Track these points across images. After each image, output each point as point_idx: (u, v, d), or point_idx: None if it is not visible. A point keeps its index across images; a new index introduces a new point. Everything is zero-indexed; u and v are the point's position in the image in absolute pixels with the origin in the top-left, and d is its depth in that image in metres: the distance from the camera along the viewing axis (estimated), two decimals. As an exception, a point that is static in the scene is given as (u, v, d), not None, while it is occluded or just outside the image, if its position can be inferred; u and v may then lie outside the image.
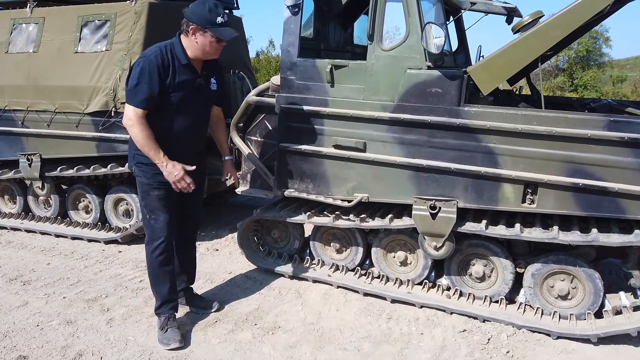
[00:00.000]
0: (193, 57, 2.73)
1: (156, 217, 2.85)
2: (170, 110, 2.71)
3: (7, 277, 3.75)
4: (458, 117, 2.99)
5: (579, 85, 30.56)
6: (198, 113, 2.87)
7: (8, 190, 5.11)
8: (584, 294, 3.00)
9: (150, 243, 2.88)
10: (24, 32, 4.68)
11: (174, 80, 2.67)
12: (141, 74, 2.59)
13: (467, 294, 3.28)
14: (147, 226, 2.89)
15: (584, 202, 2.81)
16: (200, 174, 3.08)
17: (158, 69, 2.60)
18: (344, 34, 4.47)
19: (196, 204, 3.14)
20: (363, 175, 3.32)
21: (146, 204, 2.85)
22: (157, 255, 2.87)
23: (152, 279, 2.94)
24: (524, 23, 3.02)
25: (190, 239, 3.22)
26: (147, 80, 2.58)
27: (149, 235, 2.89)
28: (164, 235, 2.86)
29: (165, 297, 2.93)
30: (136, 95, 2.59)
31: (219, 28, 2.65)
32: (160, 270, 2.90)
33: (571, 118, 2.77)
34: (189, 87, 2.74)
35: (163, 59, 2.64)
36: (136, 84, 2.59)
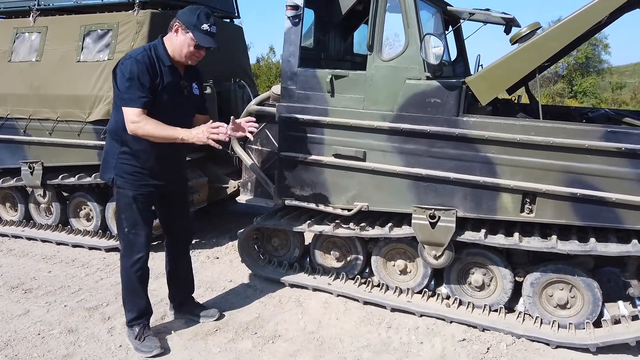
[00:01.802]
0: (173, 57, 2.69)
1: (137, 231, 2.78)
2: (157, 112, 2.63)
3: (8, 285, 3.76)
4: (457, 127, 3.01)
5: (579, 91, 30.64)
6: (184, 117, 2.80)
7: (9, 198, 5.13)
8: (583, 303, 3.01)
9: (129, 257, 2.81)
10: (26, 41, 4.72)
11: (162, 82, 2.64)
12: (132, 74, 2.54)
13: (466, 303, 3.29)
14: (125, 240, 2.81)
15: (582, 212, 2.83)
16: (184, 185, 3.12)
17: (147, 68, 2.57)
18: (344, 43, 4.51)
19: (185, 215, 3.13)
20: (363, 184, 3.35)
21: (127, 217, 2.77)
22: (137, 270, 2.82)
23: (127, 292, 2.88)
24: (522, 34, 3.06)
25: (185, 250, 3.19)
26: (139, 80, 2.54)
27: (128, 249, 2.81)
28: (145, 250, 2.82)
29: (142, 309, 2.91)
30: (133, 96, 2.55)
31: (200, 34, 2.62)
32: (139, 284, 2.86)
33: (569, 128, 2.80)
34: (174, 89, 2.71)
35: (150, 59, 2.61)
36: (130, 86, 2.54)
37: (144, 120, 2.56)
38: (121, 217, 2.80)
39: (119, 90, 2.61)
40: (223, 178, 4.71)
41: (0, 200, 5.16)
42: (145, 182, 2.76)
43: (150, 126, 2.57)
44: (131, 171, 2.72)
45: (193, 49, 2.65)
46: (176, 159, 2.92)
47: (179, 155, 2.94)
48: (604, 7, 2.64)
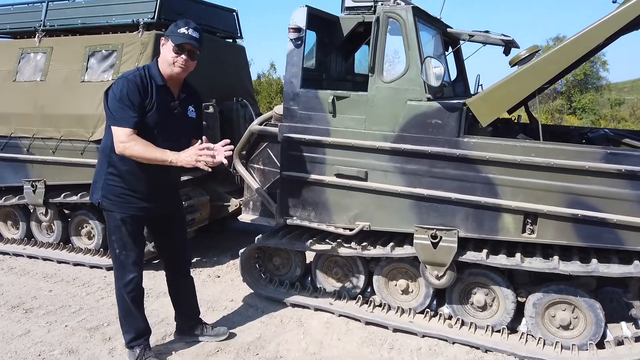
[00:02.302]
0: (166, 75, 2.67)
1: (127, 252, 2.76)
2: (147, 133, 2.61)
3: (9, 305, 3.75)
4: (458, 147, 3.04)
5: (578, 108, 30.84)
6: (175, 139, 2.72)
7: (11, 216, 5.14)
8: (586, 324, 3.00)
9: (121, 278, 2.80)
10: (31, 61, 4.78)
11: (152, 101, 2.62)
12: (122, 94, 2.53)
13: (468, 323, 3.28)
14: (117, 261, 2.80)
15: (584, 233, 2.84)
16: (178, 208, 3.09)
17: (138, 88, 2.56)
18: (345, 63, 4.56)
19: (182, 238, 3.10)
20: (365, 204, 3.36)
21: (117, 239, 2.75)
22: (130, 291, 2.80)
23: (123, 313, 2.87)
24: (521, 57, 3.10)
25: (184, 273, 3.15)
26: (130, 100, 2.53)
27: (119, 270, 2.81)
28: (136, 270, 2.81)
29: (140, 330, 2.90)
30: (123, 116, 2.53)
31: (177, 36, 2.60)
32: (133, 305, 2.84)
33: (568, 150, 2.82)
34: (165, 109, 2.68)
35: (142, 79, 2.60)
36: (121, 106, 2.53)
37: (133, 141, 2.53)
38: (111, 238, 2.78)
39: (110, 110, 2.58)
40: (225, 196, 4.73)
41: (2, 218, 5.18)
42: (133, 204, 2.71)
43: (138, 147, 2.53)
44: (118, 193, 2.69)
45: (174, 54, 2.61)
46: (166, 182, 2.84)
47: (170, 178, 2.85)
48: (601, 32, 2.69)
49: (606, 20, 2.68)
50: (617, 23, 2.67)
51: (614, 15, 2.67)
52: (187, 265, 3.19)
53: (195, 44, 2.65)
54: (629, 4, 2.63)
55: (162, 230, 3.00)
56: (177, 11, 4.62)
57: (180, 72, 2.68)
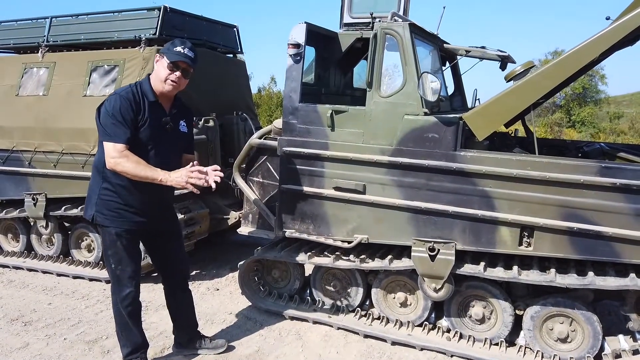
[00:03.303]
0: (158, 91, 2.71)
1: (123, 267, 2.76)
2: (140, 149, 2.63)
3: (8, 318, 3.75)
4: (454, 161, 3.08)
5: (577, 121, 30.98)
6: (167, 154, 2.76)
7: (12, 229, 5.16)
8: (583, 337, 3.01)
9: (118, 293, 2.80)
10: (34, 76, 4.85)
11: (144, 116, 2.64)
12: (115, 110, 2.55)
13: (467, 336, 3.28)
14: (113, 276, 2.80)
15: (580, 246, 2.86)
16: (173, 223, 3.09)
17: (130, 104, 2.58)
18: (344, 78, 4.63)
19: (180, 252, 3.11)
20: (363, 217, 3.39)
21: (112, 254, 2.75)
22: (127, 305, 2.80)
23: (120, 327, 2.87)
24: (517, 72, 3.15)
25: (182, 287, 3.15)
26: (122, 116, 2.55)
27: (116, 285, 2.80)
28: (132, 285, 2.80)
29: (137, 344, 2.90)
30: (115, 132, 2.55)
31: (172, 54, 2.66)
32: (130, 319, 2.84)
33: (564, 164, 2.86)
34: (156, 125, 2.70)
35: (134, 95, 2.64)
36: (112, 122, 2.55)
37: (124, 157, 2.54)
38: (107, 253, 2.77)
39: (102, 126, 2.60)
40: (224, 209, 4.76)
41: (3, 231, 5.20)
42: (128, 219, 2.72)
43: (129, 164, 2.54)
44: (113, 207, 2.69)
45: (168, 72, 2.67)
46: (159, 197, 2.84)
47: (162, 193, 2.84)
48: (595, 48, 2.74)
49: (600, 36, 2.74)
50: (610, 39, 2.73)
51: (608, 31, 2.72)
52: (185, 280, 3.18)
53: (190, 62, 2.70)
54: (622, 20, 2.68)
55: (159, 245, 3.00)
56: (178, 27, 4.70)
57: (172, 90, 2.72)
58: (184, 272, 3.18)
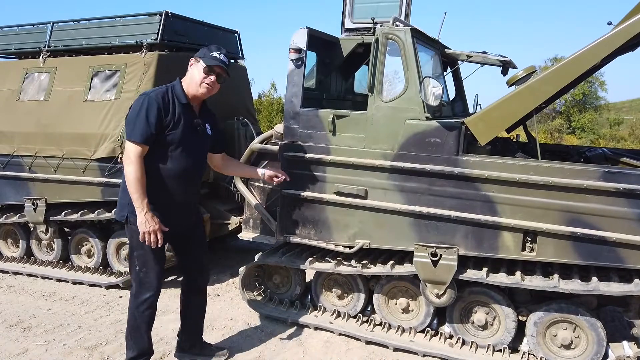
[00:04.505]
0: (190, 94, 2.78)
1: (148, 269, 2.78)
2: (170, 149, 2.71)
3: (7, 323, 3.72)
4: (457, 166, 3.06)
5: (577, 127, 31.00)
6: (196, 154, 2.85)
7: (11, 234, 5.14)
8: (587, 343, 2.98)
9: (138, 296, 2.80)
10: (35, 81, 4.85)
11: (174, 118, 2.70)
12: (141, 110, 2.62)
13: (469, 343, 3.26)
14: (136, 279, 2.81)
15: (583, 251, 2.84)
16: (198, 227, 3.11)
17: (158, 106, 2.64)
18: (345, 83, 4.63)
19: (203, 257, 3.13)
20: (364, 222, 3.37)
21: (139, 256, 2.77)
22: (144, 310, 2.81)
23: (132, 330, 2.86)
24: (518, 77, 3.15)
25: (198, 290, 3.16)
26: (146, 115, 2.61)
27: (137, 287, 2.81)
28: (154, 289, 2.81)
29: (143, 349, 2.88)
30: (135, 129, 2.61)
31: (209, 58, 2.75)
32: (144, 324, 2.84)
33: (567, 169, 2.84)
34: (187, 126, 2.76)
35: (164, 97, 2.70)
36: (136, 119, 2.62)
37: (135, 162, 2.59)
38: (133, 255, 2.80)
39: (126, 123, 2.69)
40: (225, 214, 4.74)
41: (2, 236, 5.18)
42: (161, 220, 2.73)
43: (134, 170, 2.59)
44: None
45: (204, 75, 2.74)
46: (185, 199, 2.89)
47: (187, 195, 2.90)
48: (596, 53, 2.73)
49: (601, 41, 2.73)
50: (612, 45, 2.72)
51: (609, 36, 2.71)
52: (205, 285, 3.19)
53: (225, 68, 2.80)
54: (624, 25, 2.68)
55: (184, 247, 3.03)
56: (179, 32, 4.70)
57: (206, 93, 2.79)
58: (205, 277, 3.19)
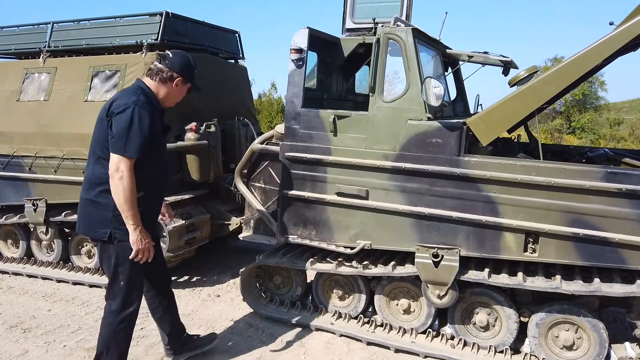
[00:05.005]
0: (163, 102, 2.73)
1: (133, 284, 2.66)
2: (153, 158, 2.62)
3: (7, 324, 3.71)
4: (458, 166, 3.05)
5: (577, 127, 30.99)
6: (167, 160, 2.86)
7: (11, 235, 5.13)
8: (589, 344, 2.97)
9: (121, 312, 2.65)
10: (35, 81, 4.84)
11: (156, 125, 2.62)
12: (133, 122, 2.46)
13: (471, 344, 3.25)
14: (120, 294, 2.64)
15: (586, 252, 2.83)
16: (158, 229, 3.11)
17: (148, 116, 2.53)
18: (346, 84, 4.62)
19: (162, 254, 3.06)
20: (366, 222, 3.36)
21: (124, 271, 2.62)
22: (127, 325, 2.70)
23: (107, 346, 2.68)
24: (520, 77, 3.14)
25: (169, 292, 3.07)
26: (140, 127, 2.47)
27: (121, 303, 2.65)
28: (137, 303, 2.72)
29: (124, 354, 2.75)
30: (129, 143, 2.44)
31: (194, 80, 2.80)
32: (122, 341, 2.71)
33: (569, 169, 2.83)
34: (162, 132, 2.75)
35: (150, 104, 2.60)
36: (129, 132, 2.45)
37: (129, 175, 2.45)
38: (117, 270, 2.62)
39: (117, 136, 2.46)
40: (225, 215, 4.73)
41: (2, 237, 5.17)
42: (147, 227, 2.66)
43: (129, 184, 2.45)
44: None
45: (185, 94, 2.82)
46: (160, 206, 2.90)
47: (162, 200, 2.92)
48: (599, 53, 2.72)
49: (604, 41, 2.72)
50: (614, 45, 2.71)
51: (612, 36, 2.70)
52: (170, 282, 3.13)
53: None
54: (626, 26, 2.67)
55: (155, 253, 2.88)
56: (180, 32, 4.70)
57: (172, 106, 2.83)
58: (168, 274, 3.12)
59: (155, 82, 2.69)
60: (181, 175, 4.51)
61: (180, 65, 2.70)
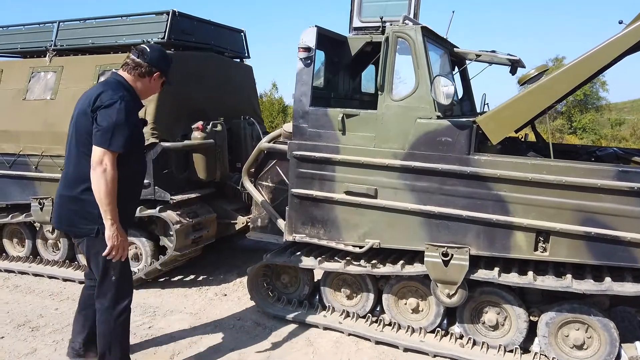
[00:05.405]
0: (140, 96, 2.76)
1: (123, 277, 2.68)
2: (136, 152, 2.67)
3: (15, 323, 3.71)
4: (468, 165, 3.05)
5: (578, 128, 30.96)
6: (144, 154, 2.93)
7: (17, 234, 5.12)
8: (600, 343, 2.96)
9: (116, 306, 2.66)
10: (42, 80, 4.83)
11: (138, 119, 2.70)
12: (119, 116, 2.46)
13: (480, 343, 3.24)
14: (111, 289, 2.65)
15: (597, 251, 2.83)
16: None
17: (135, 110, 2.59)
18: (352, 82, 4.61)
19: None
20: (374, 221, 3.35)
21: (115, 265, 2.62)
22: (122, 322, 2.70)
23: (109, 344, 2.69)
24: (530, 76, 3.13)
25: None
26: (127, 122, 2.49)
27: (114, 298, 2.65)
28: (131, 295, 2.75)
29: (126, 353, 2.79)
30: (115, 137, 2.44)
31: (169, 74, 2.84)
32: (123, 335, 2.74)
33: (580, 168, 2.82)
34: (141, 128, 2.80)
35: (133, 101, 2.63)
36: (116, 126, 2.45)
37: (112, 169, 2.44)
38: (106, 266, 2.62)
39: (104, 130, 2.44)
40: (231, 214, 4.72)
41: (8, 236, 5.16)
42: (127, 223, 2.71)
43: (111, 179, 2.44)
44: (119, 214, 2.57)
45: (160, 88, 2.86)
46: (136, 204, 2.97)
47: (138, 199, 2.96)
48: (610, 51, 2.72)
49: (615, 40, 2.72)
50: (625, 44, 2.71)
51: (623, 35, 2.70)
52: None
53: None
54: (638, 24, 2.66)
55: None
56: (186, 31, 4.69)
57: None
58: None
59: (132, 76, 2.68)
60: (188, 174, 4.50)
61: (159, 60, 2.72)
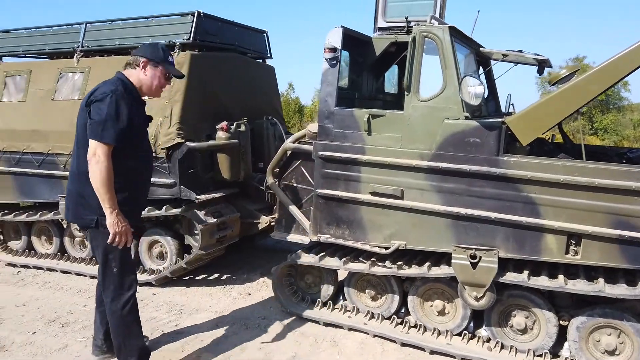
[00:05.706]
0: (144, 93, 2.81)
1: (126, 268, 2.73)
2: (134, 148, 2.70)
3: (45, 319, 3.78)
4: (497, 166, 3.01)
5: (599, 128, 30.40)
6: (148, 147, 2.94)
7: (45, 231, 5.23)
8: (633, 349, 2.90)
9: (118, 298, 2.72)
10: (69, 80, 4.92)
11: (136, 116, 2.70)
12: (110, 109, 2.52)
13: (508, 347, 3.20)
14: (114, 281, 2.71)
15: (631, 255, 2.77)
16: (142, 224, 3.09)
17: (127, 104, 2.61)
18: (376, 83, 4.60)
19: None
20: (400, 222, 3.34)
21: (115, 257, 2.68)
22: (129, 311, 2.75)
23: (122, 335, 2.77)
24: (561, 76, 3.08)
25: None
26: (117, 115, 2.54)
27: (116, 289, 2.72)
28: (134, 286, 2.79)
29: (141, 349, 2.83)
30: (106, 130, 2.51)
31: (169, 65, 2.82)
32: (133, 324, 2.78)
33: (613, 170, 2.77)
34: (143, 122, 2.82)
35: (129, 93, 2.68)
36: (107, 119, 2.51)
37: (106, 160, 2.51)
38: (108, 257, 2.69)
39: (95, 123, 2.52)
40: (255, 214, 4.75)
41: (37, 234, 5.26)
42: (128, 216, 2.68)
43: (105, 169, 2.50)
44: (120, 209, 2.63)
45: (163, 81, 2.82)
46: (146, 193, 2.96)
47: (147, 190, 2.98)
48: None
49: (650, 39, 2.66)
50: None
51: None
52: None
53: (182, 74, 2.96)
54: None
55: None
56: (211, 32, 4.73)
57: (159, 96, 2.92)
58: None
59: (129, 72, 2.79)
60: (212, 174, 4.54)
61: (146, 51, 2.79)
